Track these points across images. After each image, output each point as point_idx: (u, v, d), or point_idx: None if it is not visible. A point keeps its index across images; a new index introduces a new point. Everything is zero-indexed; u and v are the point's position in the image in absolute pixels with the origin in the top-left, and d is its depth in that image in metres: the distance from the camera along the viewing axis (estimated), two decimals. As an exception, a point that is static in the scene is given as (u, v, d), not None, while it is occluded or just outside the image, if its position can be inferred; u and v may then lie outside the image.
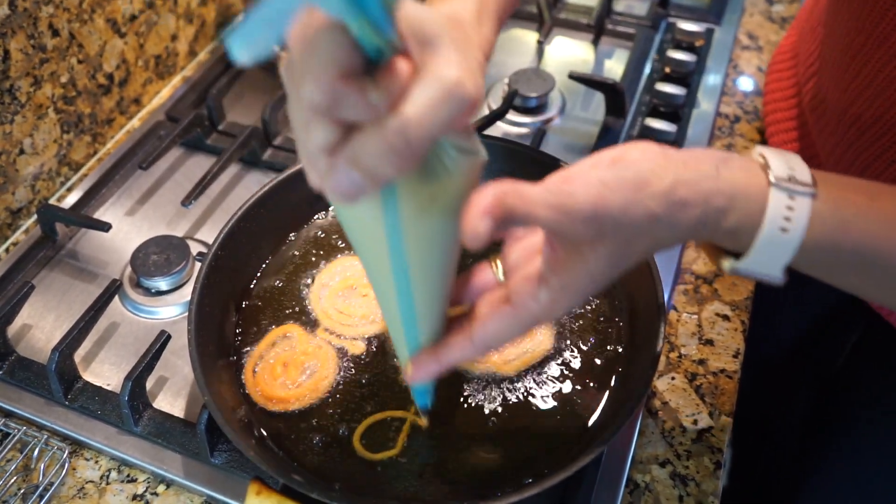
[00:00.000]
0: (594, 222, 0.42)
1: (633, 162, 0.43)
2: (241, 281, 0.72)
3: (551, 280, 0.45)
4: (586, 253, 0.44)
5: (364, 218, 0.44)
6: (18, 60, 0.81)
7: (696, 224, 0.44)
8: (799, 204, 0.44)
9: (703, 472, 0.65)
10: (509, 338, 0.47)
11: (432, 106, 0.36)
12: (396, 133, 0.36)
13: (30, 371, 0.70)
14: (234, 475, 0.63)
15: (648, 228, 0.43)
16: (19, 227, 0.87)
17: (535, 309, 0.46)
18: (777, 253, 0.45)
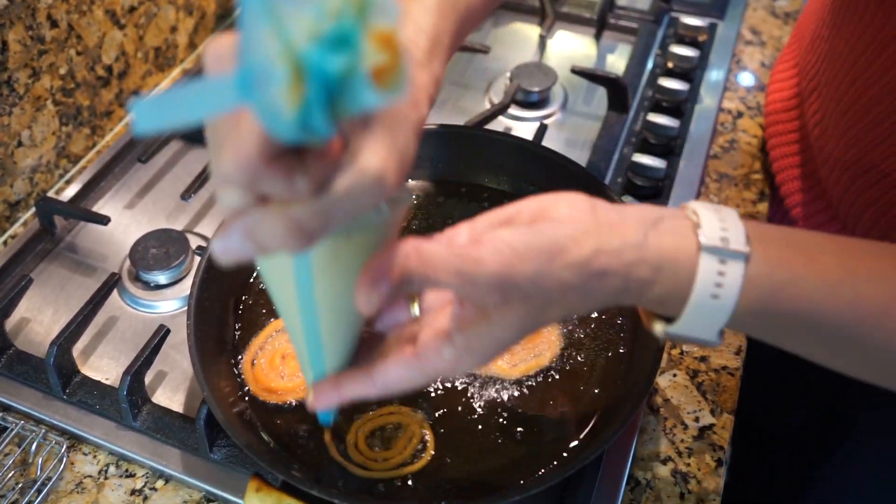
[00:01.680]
0: (500, 291, 0.40)
1: (554, 223, 0.41)
2: (241, 275, 0.71)
3: (456, 339, 0.44)
4: (494, 317, 0.42)
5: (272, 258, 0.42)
6: (16, 52, 0.80)
7: (617, 293, 0.42)
8: (731, 269, 0.42)
9: (704, 470, 0.65)
10: (409, 386, 0.46)
11: (346, 198, 0.35)
12: (301, 222, 0.35)
13: (28, 365, 0.70)
14: (233, 471, 0.63)
15: (561, 298, 0.42)
16: (17, 220, 0.86)
17: (439, 364, 0.44)
18: (709, 320, 0.43)
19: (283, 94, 0.30)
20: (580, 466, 0.56)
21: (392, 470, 0.59)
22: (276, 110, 0.31)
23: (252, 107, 0.32)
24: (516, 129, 0.93)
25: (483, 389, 0.63)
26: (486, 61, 1.01)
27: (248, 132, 0.33)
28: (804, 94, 0.79)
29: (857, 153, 0.68)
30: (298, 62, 0.30)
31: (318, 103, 0.30)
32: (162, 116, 0.32)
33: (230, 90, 0.31)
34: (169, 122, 0.32)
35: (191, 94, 0.32)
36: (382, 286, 0.39)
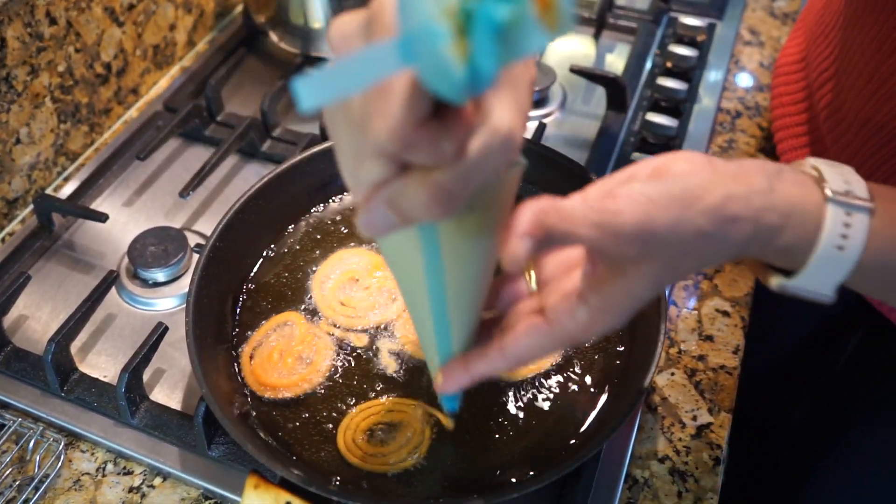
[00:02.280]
0: (640, 242, 0.40)
1: (680, 175, 0.41)
2: (240, 273, 0.71)
3: (591, 299, 0.43)
4: (629, 272, 0.42)
5: (399, 236, 0.43)
6: (15, 49, 0.80)
7: (747, 241, 0.42)
8: (856, 220, 0.42)
9: (702, 468, 0.65)
10: (542, 354, 0.46)
11: (483, 159, 0.35)
12: (444, 187, 0.35)
13: (25, 362, 0.70)
14: (231, 468, 0.63)
15: (696, 246, 0.41)
16: (15, 217, 0.86)
17: (572, 328, 0.44)
18: (831, 271, 0.43)
19: (449, 49, 0.30)
20: (578, 464, 0.56)
21: (389, 465, 0.59)
22: (445, 67, 0.31)
23: (418, 69, 0.32)
24: (515, 128, 0.93)
25: (483, 388, 0.63)
26: (485, 60, 1.01)
27: (398, 100, 0.33)
28: (813, 87, 0.79)
29: (879, 142, 0.68)
30: (462, 17, 0.30)
31: (487, 53, 0.31)
32: (325, 91, 0.33)
33: (393, 56, 0.32)
34: (332, 96, 0.33)
35: (352, 65, 0.32)
36: (527, 242, 0.39)
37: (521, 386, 0.63)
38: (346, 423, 0.61)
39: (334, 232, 0.75)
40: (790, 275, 0.44)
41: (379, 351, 0.66)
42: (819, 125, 0.78)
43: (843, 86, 0.73)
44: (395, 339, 0.67)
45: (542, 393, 0.63)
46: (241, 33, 1.03)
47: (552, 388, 0.63)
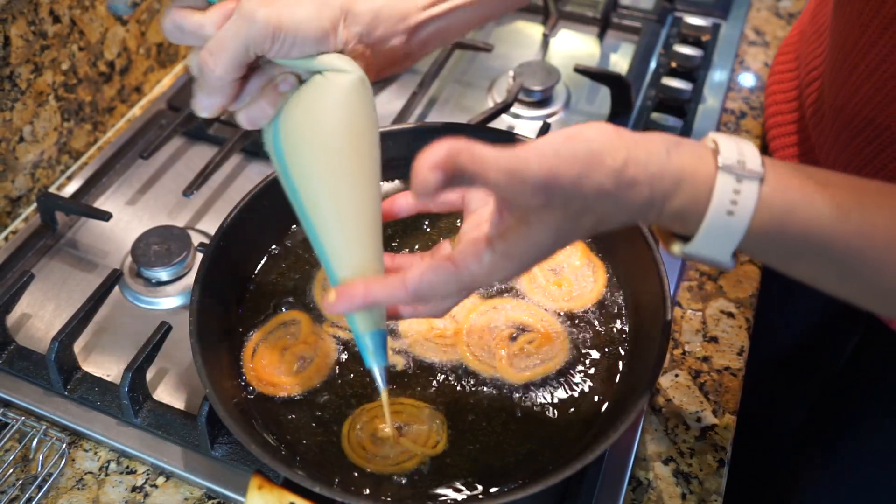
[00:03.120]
0: (545, 191, 0.43)
1: (588, 139, 0.44)
2: (243, 272, 0.71)
3: (496, 245, 0.46)
4: (533, 222, 0.45)
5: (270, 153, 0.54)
6: (19, 47, 0.80)
7: (644, 204, 0.45)
8: (746, 188, 0.44)
9: (706, 470, 0.65)
10: (443, 293, 0.48)
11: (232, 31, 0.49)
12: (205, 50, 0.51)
13: (29, 361, 0.70)
14: (234, 468, 0.63)
15: (597, 204, 0.44)
16: (19, 216, 0.86)
17: (476, 270, 0.47)
18: (724, 237, 0.45)
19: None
20: (582, 466, 0.55)
21: (394, 466, 0.59)
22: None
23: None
24: (519, 128, 0.93)
25: (489, 391, 0.63)
26: (489, 60, 1.01)
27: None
28: (802, 85, 0.79)
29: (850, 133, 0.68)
30: None
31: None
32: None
33: None
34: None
35: None
36: (437, 174, 0.41)
37: (525, 388, 0.63)
38: (351, 424, 0.61)
39: (338, 231, 0.75)
40: (688, 241, 0.47)
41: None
42: (806, 122, 0.78)
43: (823, 80, 0.73)
44: (400, 337, 0.67)
45: (546, 395, 0.63)
46: (244, 32, 1.03)
47: (556, 390, 0.63)
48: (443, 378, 0.64)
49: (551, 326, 0.66)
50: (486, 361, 0.64)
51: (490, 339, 0.66)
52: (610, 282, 0.69)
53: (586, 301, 0.68)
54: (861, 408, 0.88)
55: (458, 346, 0.65)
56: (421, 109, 0.95)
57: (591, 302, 0.68)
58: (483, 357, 0.65)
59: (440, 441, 0.60)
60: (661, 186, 0.44)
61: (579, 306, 0.68)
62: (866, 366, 0.90)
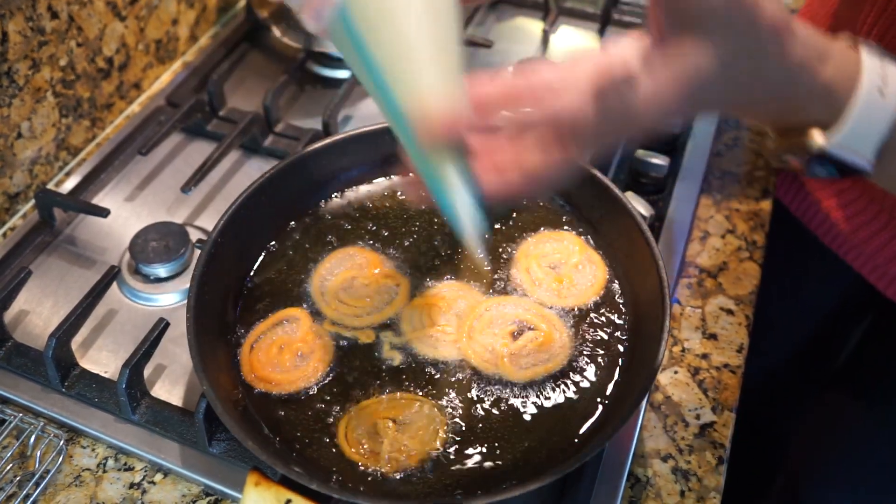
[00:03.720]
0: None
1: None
2: (241, 269, 0.71)
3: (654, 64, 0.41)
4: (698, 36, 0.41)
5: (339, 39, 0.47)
6: (17, 43, 0.80)
7: (798, 63, 0.43)
8: (892, 72, 0.43)
9: (705, 467, 0.65)
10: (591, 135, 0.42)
11: None
12: None
13: (27, 357, 0.70)
14: (232, 464, 0.63)
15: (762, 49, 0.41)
16: (17, 212, 0.86)
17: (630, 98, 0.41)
18: (875, 121, 0.43)
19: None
20: (581, 463, 0.55)
21: (391, 463, 0.59)
22: None
23: None
24: (518, 125, 0.92)
25: (489, 388, 0.63)
26: (488, 56, 1.01)
27: None
28: None
29: None
30: None
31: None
32: None
33: None
34: None
35: None
36: None
37: (525, 386, 0.63)
38: (348, 420, 0.61)
39: (336, 228, 0.74)
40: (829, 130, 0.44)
41: (383, 347, 0.66)
42: None
43: None
44: (400, 333, 0.66)
45: (545, 391, 0.63)
46: (243, 28, 1.03)
47: (556, 387, 0.63)
48: (443, 375, 0.64)
49: (553, 324, 0.66)
50: (488, 359, 0.64)
51: (492, 336, 0.65)
52: (609, 279, 0.69)
53: (586, 298, 0.68)
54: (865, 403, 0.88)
55: (459, 343, 0.65)
56: (420, 106, 0.95)
57: (590, 298, 0.68)
58: (485, 355, 0.64)
59: (439, 438, 0.60)
60: (814, 47, 0.43)
61: (579, 303, 0.68)
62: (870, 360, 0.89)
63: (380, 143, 0.76)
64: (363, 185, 0.78)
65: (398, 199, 0.77)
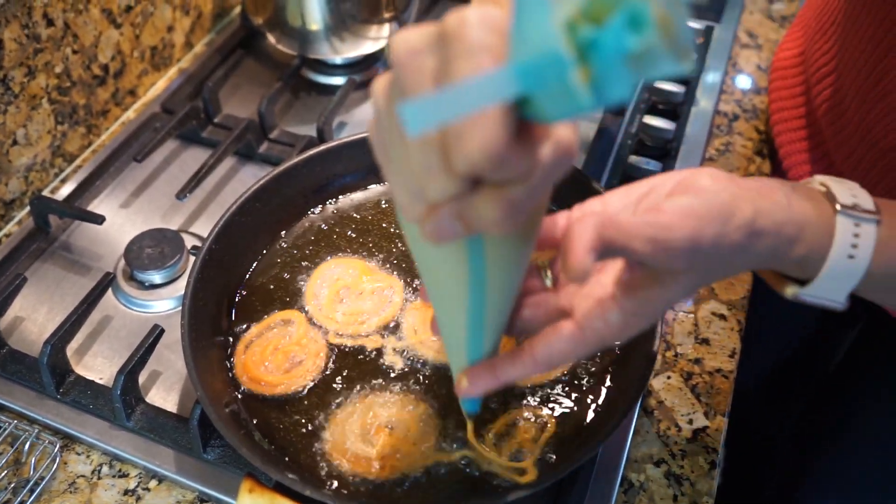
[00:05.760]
0: (688, 256, 0.42)
1: (711, 191, 0.43)
2: (236, 275, 0.71)
3: (625, 304, 0.45)
4: (668, 281, 0.44)
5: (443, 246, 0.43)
6: (12, 50, 0.80)
7: (769, 253, 0.45)
8: (865, 231, 0.45)
9: (697, 472, 0.65)
10: (572, 357, 0.47)
11: (553, 173, 0.36)
12: (516, 202, 0.35)
13: (21, 364, 0.70)
14: (226, 471, 0.63)
15: (729, 258, 0.44)
16: (12, 219, 0.86)
17: (604, 332, 0.45)
18: (843, 280, 0.46)
19: (576, 78, 0.31)
20: (573, 468, 0.56)
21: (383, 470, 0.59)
22: (570, 95, 0.31)
23: (535, 94, 0.32)
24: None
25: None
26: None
27: (495, 120, 0.33)
28: (811, 82, 0.79)
29: (877, 135, 0.68)
30: (584, 43, 0.31)
31: (615, 81, 0.31)
32: (433, 115, 0.33)
33: (509, 82, 0.32)
34: (441, 120, 0.33)
35: (464, 90, 0.33)
36: (592, 256, 0.41)
37: (517, 390, 0.63)
38: (340, 424, 0.61)
39: (330, 235, 0.75)
40: (804, 284, 0.47)
41: (385, 352, 0.66)
42: (817, 119, 0.78)
43: (842, 82, 0.73)
44: (402, 338, 0.67)
45: (537, 397, 0.63)
46: (238, 35, 1.03)
47: (548, 391, 0.63)
48: (442, 378, 0.64)
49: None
50: None
51: None
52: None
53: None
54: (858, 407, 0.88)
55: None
56: (415, 112, 0.95)
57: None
58: None
59: (435, 442, 0.60)
60: (786, 235, 0.44)
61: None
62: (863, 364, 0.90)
63: (374, 150, 0.76)
64: (358, 191, 0.78)
65: (392, 205, 0.77)
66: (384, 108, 0.38)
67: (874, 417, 0.87)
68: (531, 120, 0.35)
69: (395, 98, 0.37)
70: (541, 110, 0.33)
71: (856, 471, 0.89)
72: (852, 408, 0.89)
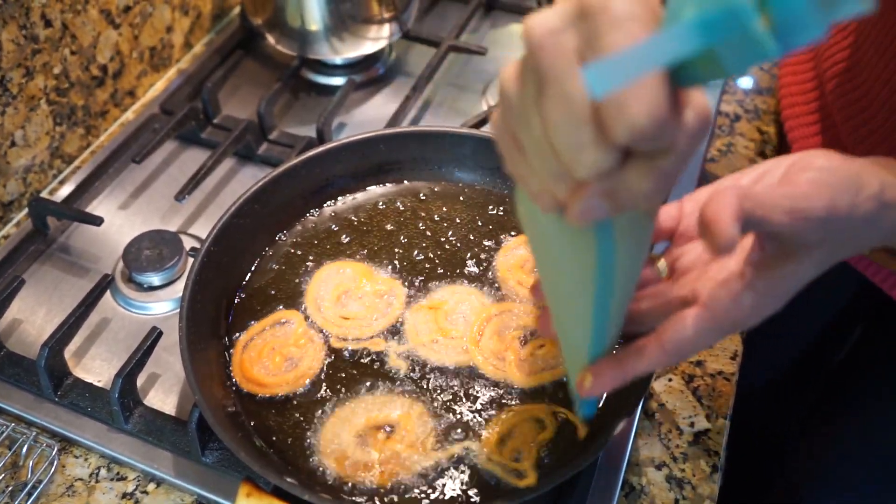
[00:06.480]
0: (825, 227, 0.42)
1: (836, 165, 0.43)
2: (235, 277, 0.71)
3: (757, 284, 0.43)
4: (801, 257, 0.43)
5: (567, 232, 0.43)
6: (10, 51, 0.80)
7: (893, 227, 0.44)
8: None
9: (699, 475, 0.64)
10: (705, 345, 0.45)
11: (698, 140, 0.35)
12: (668, 173, 0.35)
13: (19, 367, 0.69)
14: (225, 474, 0.63)
15: (860, 232, 0.43)
16: (10, 221, 0.86)
17: (737, 314, 0.44)
18: None
19: (760, 27, 0.31)
20: (575, 472, 0.55)
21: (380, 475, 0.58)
22: (755, 45, 0.31)
23: (716, 48, 0.32)
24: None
25: (488, 394, 0.63)
26: (483, 63, 1.01)
27: (657, 86, 0.32)
28: (825, 77, 0.79)
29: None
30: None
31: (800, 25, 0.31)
32: (617, 76, 0.32)
33: (690, 37, 0.32)
34: (624, 80, 0.32)
35: (647, 49, 0.32)
36: (737, 226, 0.39)
37: (519, 392, 0.63)
38: (335, 427, 0.61)
39: (329, 237, 0.74)
40: None
41: (388, 356, 0.65)
42: (832, 113, 0.77)
43: (863, 77, 0.72)
44: (404, 341, 0.66)
45: (539, 399, 0.63)
46: (237, 35, 1.03)
47: (549, 395, 0.63)
48: (445, 380, 0.64)
49: None
50: (495, 364, 0.64)
51: (500, 342, 0.65)
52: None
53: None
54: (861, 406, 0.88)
55: (464, 347, 0.65)
56: (415, 113, 0.95)
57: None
58: (492, 360, 0.64)
59: (434, 446, 0.60)
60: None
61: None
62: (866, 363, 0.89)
63: (373, 152, 0.76)
64: (357, 192, 0.78)
65: (392, 206, 0.77)
66: (516, 94, 0.37)
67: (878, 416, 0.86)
68: (676, 86, 0.34)
69: (529, 83, 0.36)
70: (716, 66, 0.33)
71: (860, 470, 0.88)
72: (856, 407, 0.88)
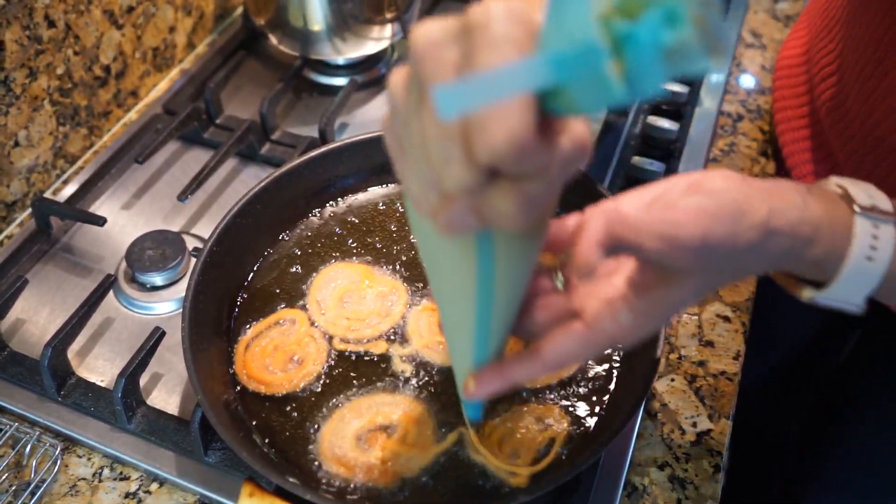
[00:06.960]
0: (700, 254, 0.42)
1: (723, 191, 0.42)
2: (237, 277, 0.71)
3: (636, 304, 0.44)
4: (677, 281, 0.43)
5: (451, 241, 0.43)
6: (13, 52, 0.80)
7: (783, 254, 0.44)
8: (883, 232, 0.44)
9: (701, 476, 0.64)
10: (582, 358, 0.46)
11: (569, 167, 0.35)
12: (534, 196, 0.35)
13: (22, 366, 0.70)
14: (227, 474, 0.63)
15: (741, 258, 0.43)
16: (13, 221, 0.86)
17: (614, 331, 0.45)
18: (862, 282, 0.45)
19: (610, 69, 0.31)
20: (577, 472, 0.55)
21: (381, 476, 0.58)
22: (603, 87, 0.31)
23: (568, 84, 0.32)
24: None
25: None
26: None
27: (520, 110, 0.32)
28: (815, 81, 0.79)
29: (881, 134, 0.68)
30: (619, 36, 0.31)
31: (649, 74, 0.31)
32: (464, 101, 0.32)
33: (542, 71, 0.32)
34: (471, 105, 0.33)
35: (498, 77, 0.33)
36: (600, 251, 0.40)
37: (520, 392, 0.63)
38: (335, 427, 0.61)
39: (332, 238, 0.74)
40: (821, 287, 0.46)
41: (393, 359, 0.65)
42: (820, 119, 0.77)
43: (845, 82, 0.72)
44: (408, 343, 0.66)
45: (540, 400, 0.63)
46: (240, 36, 1.03)
47: (550, 395, 0.63)
48: (445, 381, 0.64)
49: None
50: None
51: None
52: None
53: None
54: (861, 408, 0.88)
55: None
56: (417, 113, 0.95)
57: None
58: None
59: (437, 446, 0.60)
60: (801, 235, 0.43)
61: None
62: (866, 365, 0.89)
63: (376, 152, 0.76)
64: (359, 193, 0.78)
65: (393, 207, 0.77)
66: (401, 100, 0.37)
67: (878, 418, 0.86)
68: (551, 114, 0.34)
69: (413, 91, 0.36)
70: (571, 102, 0.33)
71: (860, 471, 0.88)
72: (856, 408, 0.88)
